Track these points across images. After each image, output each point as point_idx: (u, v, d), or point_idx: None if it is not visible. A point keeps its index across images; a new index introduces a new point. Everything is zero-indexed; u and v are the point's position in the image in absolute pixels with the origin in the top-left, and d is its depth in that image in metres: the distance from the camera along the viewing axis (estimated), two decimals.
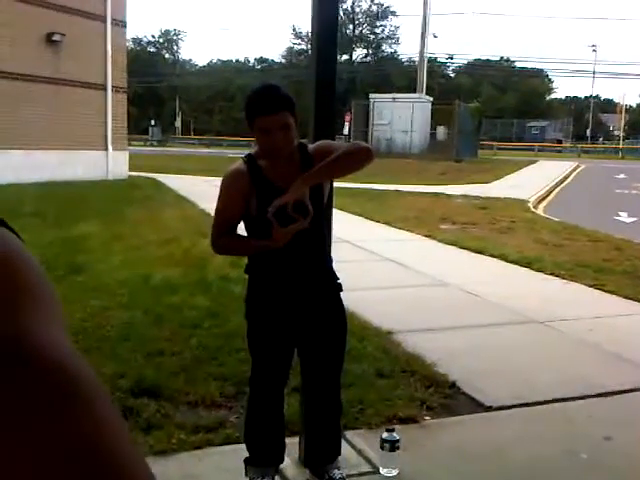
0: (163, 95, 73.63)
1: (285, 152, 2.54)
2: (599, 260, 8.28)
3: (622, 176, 26.91)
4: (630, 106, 71.65)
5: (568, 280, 7.23)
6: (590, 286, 6.95)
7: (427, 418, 3.64)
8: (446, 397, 3.91)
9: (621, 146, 59.27)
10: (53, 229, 9.05)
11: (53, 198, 13.09)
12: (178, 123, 70.35)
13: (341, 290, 2.81)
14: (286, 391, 2.94)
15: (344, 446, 3.07)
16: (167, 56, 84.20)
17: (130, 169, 19.93)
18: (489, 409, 3.82)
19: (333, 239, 3.03)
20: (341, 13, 58.10)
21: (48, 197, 13.15)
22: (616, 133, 72.10)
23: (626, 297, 6.48)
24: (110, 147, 19.14)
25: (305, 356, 2.85)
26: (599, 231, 10.79)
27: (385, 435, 3.04)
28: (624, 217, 13.88)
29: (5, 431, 0.33)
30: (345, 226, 9.16)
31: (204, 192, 15.24)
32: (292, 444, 3.04)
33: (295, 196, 2.43)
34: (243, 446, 2.89)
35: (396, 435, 3.03)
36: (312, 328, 2.78)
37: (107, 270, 6.88)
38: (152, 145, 54.59)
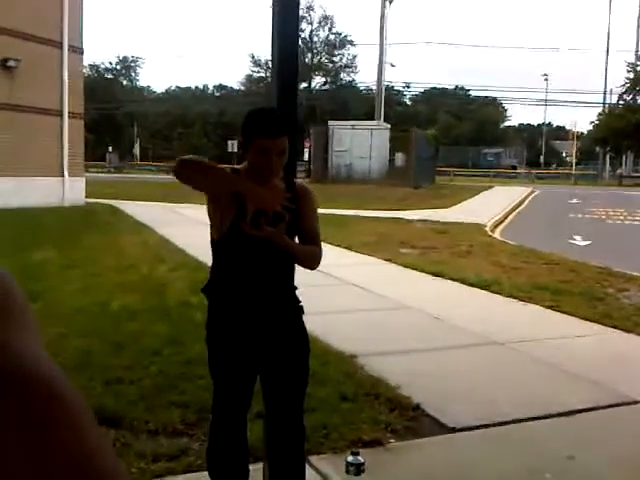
0: (121, 121, 73.11)
1: (275, 176, 2.56)
2: (556, 282, 8.43)
3: (575, 201, 27.60)
4: (582, 133, 73.72)
5: (526, 302, 7.34)
6: (548, 307, 7.06)
7: (392, 441, 3.62)
8: (410, 419, 3.90)
9: (573, 172, 60.89)
10: (7, 256, 8.83)
11: (8, 225, 12.79)
12: (136, 150, 69.81)
13: (303, 313, 2.79)
14: (249, 417, 2.89)
15: (309, 471, 3.03)
16: (125, 83, 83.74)
17: (87, 196, 19.66)
18: (453, 430, 3.82)
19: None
20: (300, 42, 58.53)
21: (2, 224, 12.85)
22: (568, 159, 74.09)
23: (583, 318, 6.61)
24: (66, 173, 18.88)
25: (267, 381, 2.81)
26: (555, 254, 11.01)
27: (350, 459, 3.01)
28: (578, 240, 14.22)
29: None
30: None
31: (163, 218, 15.10)
32: (256, 470, 2.99)
33: (267, 236, 2.52)
34: (206, 474, 2.82)
35: (361, 458, 3.01)
36: (274, 352, 2.74)
37: (64, 297, 6.73)
38: (109, 172, 54.03)
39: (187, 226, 12.91)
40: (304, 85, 68.81)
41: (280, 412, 2.84)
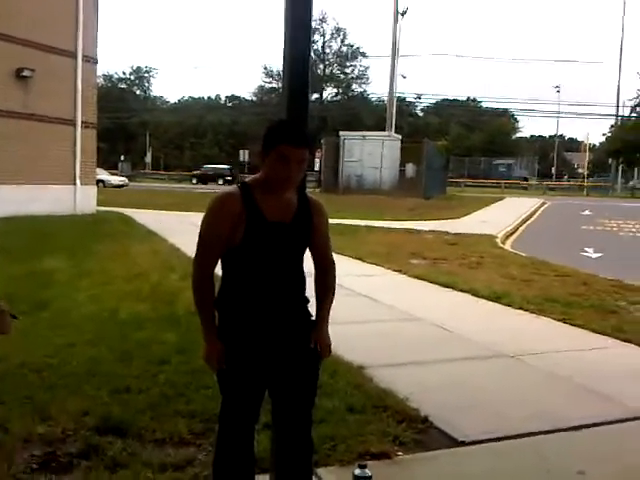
0: (134, 131, 73.62)
1: (292, 186, 2.57)
2: (567, 295, 8.37)
3: (587, 213, 27.46)
4: (594, 145, 73.54)
5: (537, 314, 7.29)
6: (559, 320, 7.01)
7: (400, 454, 3.59)
8: (418, 432, 3.86)
9: (585, 183, 60.63)
10: (18, 264, 8.87)
11: (19, 233, 12.87)
12: (148, 158, 70.17)
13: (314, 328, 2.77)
14: (256, 427, 2.87)
15: None
16: (138, 92, 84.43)
17: (98, 204, 19.78)
18: (461, 444, 3.78)
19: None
20: (312, 53, 58.73)
21: (14, 232, 12.93)
22: (580, 171, 73.81)
23: (594, 331, 6.54)
24: (79, 182, 18.99)
25: (277, 394, 2.79)
26: (566, 266, 10.94)
27: (357, 472, 2.97)
28: (590, 252, 14.12)
29: None
30: None
31: (173, 227, 15.13)
32: None
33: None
34: None
35: (368, 471, 2.97)
36: (284, 366, 2.72)
37: (73, 306, 6.74)
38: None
39: (197, 235, 12.91)
40: (316, 96, 69.04)
41: (289, 425, 2.82)
